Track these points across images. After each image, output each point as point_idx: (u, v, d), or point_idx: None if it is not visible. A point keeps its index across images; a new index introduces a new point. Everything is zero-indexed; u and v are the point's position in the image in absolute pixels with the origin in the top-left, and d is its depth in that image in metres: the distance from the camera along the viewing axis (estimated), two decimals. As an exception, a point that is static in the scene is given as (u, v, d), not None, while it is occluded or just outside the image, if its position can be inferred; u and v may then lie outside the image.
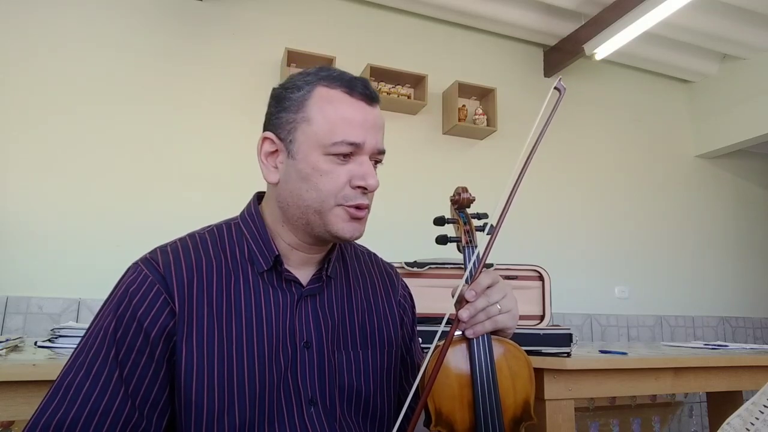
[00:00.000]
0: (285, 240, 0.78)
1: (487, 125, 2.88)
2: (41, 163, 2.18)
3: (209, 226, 0.81)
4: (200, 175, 2.40)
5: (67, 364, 0.67)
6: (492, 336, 0.76)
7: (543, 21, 2.98)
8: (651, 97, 3.56)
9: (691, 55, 3.35)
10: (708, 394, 2.46)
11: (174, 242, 0.76)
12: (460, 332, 0.76)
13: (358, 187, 0.73)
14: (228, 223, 0.81)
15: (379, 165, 0.78)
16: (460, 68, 3.00)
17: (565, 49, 3.09)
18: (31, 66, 2.23)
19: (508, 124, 3.02)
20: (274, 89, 0.79)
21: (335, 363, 0.77)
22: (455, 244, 0.85)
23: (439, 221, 0.89)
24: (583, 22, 2.92)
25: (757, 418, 0.64)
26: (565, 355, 1.53)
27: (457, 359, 0.75)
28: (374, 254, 0.96)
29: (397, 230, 2.59)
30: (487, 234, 0.79)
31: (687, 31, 3.01)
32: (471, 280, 0.77)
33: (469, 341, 0.75)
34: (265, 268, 0.75)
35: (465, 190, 0.88)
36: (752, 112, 3.21)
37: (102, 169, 2.26)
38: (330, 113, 0.72)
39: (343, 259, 0.87)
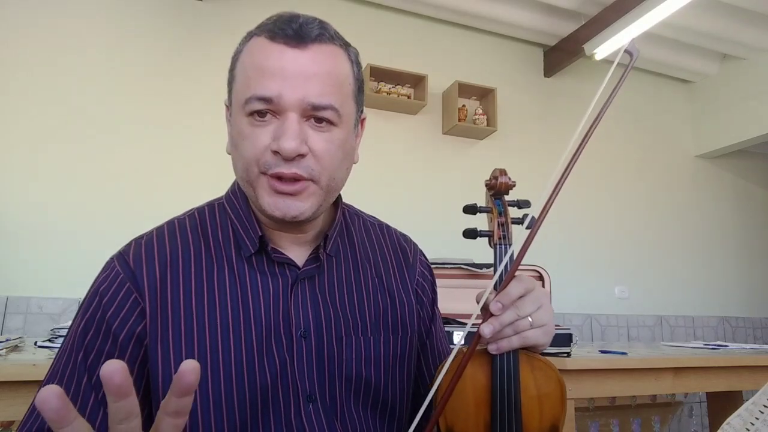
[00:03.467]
0: (261, 219, 0.67)
1: (487, 125, 2.88)
2: (41, 163, 2.18)
3: (191, 210, 0.73)
4: (200, 175, 2.40)
5: (48, 370, 0.65)
6: (520, 350, 0.65)
7: (543, 21, 2.98)
8: (651, 97, 3.56)
9: (691, 55, 3.35)
10: (708, 394, 2.46)
11: (151, 231, 0.70)
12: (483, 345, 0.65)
13: (275, 152, 0.59)
14: (211, 204, 0.72)
15: (336, 132, 0.62)
16: (460, 68, 3.00)
17: (565, 49, 3.09)
18: (30, 65, 2.22)
19: (508, 124, 3.02)
20: None
21: (337, 352, 0.67)
22: (486, 239, 0.69)
23: (470, 209, 0.72)
24: (583, 22, 2.92)
25: (757, 418, 0.64)
26: (565, 355, 1.53)
27: (476, 374, 0.64)
28: (387, 225, 0.83)
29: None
30: (527, 228, 0.62)
31: (687, 31, 3.01)
32: (500, 286, 0.63)
33: (492, 355, 0.64)
34: (252, 251, 0.66)
35: (503, 173, 0.71)
36: (752, 112, 3.21)
37: (102, 169, 2.26)
38: (247, 65, 0.61)
39: (348, 233, 0.76)
